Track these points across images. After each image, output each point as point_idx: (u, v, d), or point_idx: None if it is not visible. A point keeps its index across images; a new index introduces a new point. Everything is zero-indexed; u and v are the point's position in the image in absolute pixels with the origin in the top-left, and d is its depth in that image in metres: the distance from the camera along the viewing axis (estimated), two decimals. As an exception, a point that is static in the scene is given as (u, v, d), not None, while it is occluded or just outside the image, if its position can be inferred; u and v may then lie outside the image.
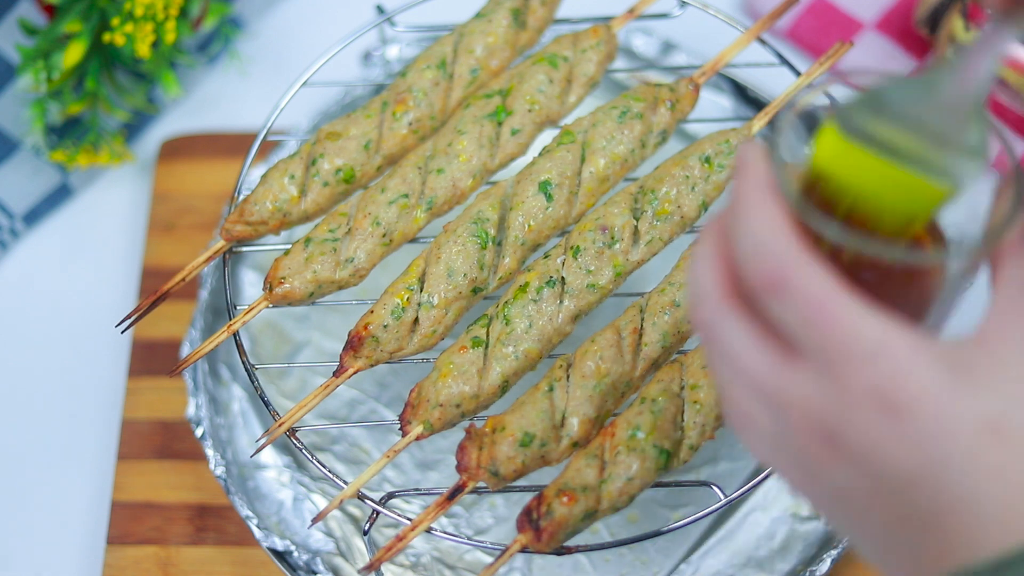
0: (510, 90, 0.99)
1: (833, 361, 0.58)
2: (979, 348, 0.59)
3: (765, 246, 0.59)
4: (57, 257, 1.21)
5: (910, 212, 0.62)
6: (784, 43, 1.28)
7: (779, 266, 0.58)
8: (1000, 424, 0.57)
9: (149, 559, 1.05)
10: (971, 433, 0.57)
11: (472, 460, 0.87)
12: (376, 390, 1.11)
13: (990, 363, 0.58)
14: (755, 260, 0.59)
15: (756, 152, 0.61)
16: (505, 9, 1.01)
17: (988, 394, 0.57)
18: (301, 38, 1.30)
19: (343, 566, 1.03)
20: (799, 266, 0.58)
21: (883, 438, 0.57)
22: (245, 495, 1.05)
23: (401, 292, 0.92)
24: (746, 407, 0.62)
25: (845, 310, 0.57)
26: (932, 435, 0.57)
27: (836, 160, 0.61)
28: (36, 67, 1.08)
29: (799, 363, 0.59)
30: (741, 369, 0.61)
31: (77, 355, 1.16)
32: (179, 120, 1.27)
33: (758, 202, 0.59)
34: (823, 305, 0.57)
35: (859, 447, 0.58)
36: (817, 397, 0.59)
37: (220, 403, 1.10)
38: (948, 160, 0.61)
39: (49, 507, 1.10)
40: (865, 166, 0.61)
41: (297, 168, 0.96)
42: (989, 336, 0.59)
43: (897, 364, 0.57)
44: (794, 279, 0.58)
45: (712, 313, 0.62)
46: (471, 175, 0.97)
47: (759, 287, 0.59)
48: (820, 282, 0.58)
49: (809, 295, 0.57)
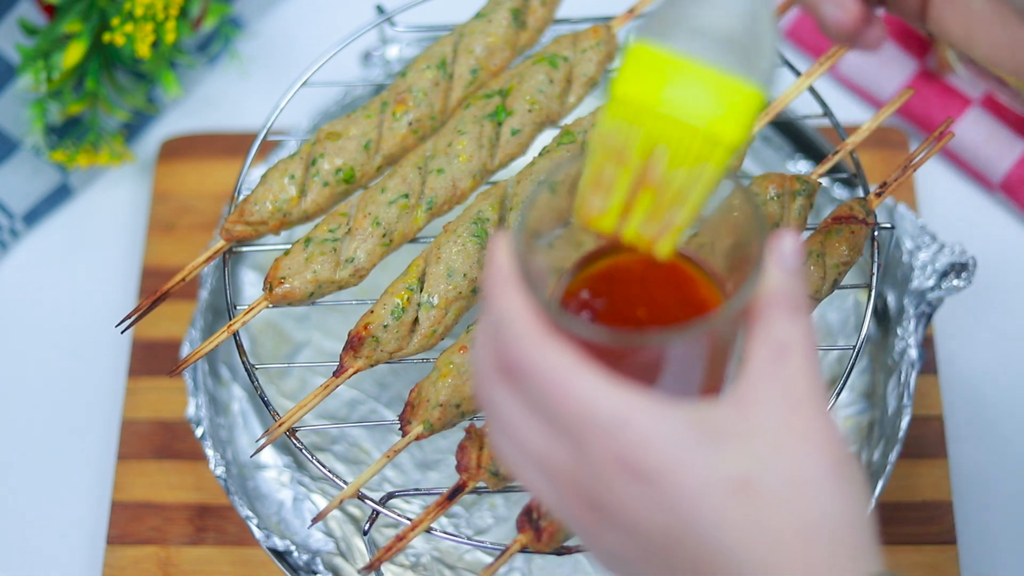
0: (510, 90, 0.99)
1: (577, 433, 0.60)
2: (732, 410, 0.60)
3: (505, 332, 0.62)
4: (57, 257, 1.21)
5: (709, 136, 0.63)
6: (784, 43, 1.28)
7: (516, 348, 0.61)
8: (751, 483, 0.59)
9: (149, 559, 1.05)
10: (721, 493, 0.59)
11: (472, 460, 0.87)
12: (376, 390, 1.11)
13: (741, 425, 0.60)
14: (498, 344, 0.62)
15: (500, 244, 0.63)
16: (505, 9, 1.01)
17: (737, 455, 0.59)
18: (301, 38, 1.29)
19: (343, 566, 1.03)
20: (535, 347, 0.60)
21: (636, 504, 0.60)
22: (245, 495, 1.05)
23: (401, 292, 0.92)
24: (526, 476, 0.64)
25: (582, 384, 0.60)
26: (680, 497, 0.59)
27: (641, 78, 0.64)
28: (36, 67, 1.08)
29: (556, 434, 0.62)
30: (516, 440, 0.63)
31: (77, 355, 1.16)
32: (179, 120, 1.27)
33: (498, 292, 0.62)
34: (558, 382, 0.60)
35: (617, 512, 0.61)
36: (573, 467, 0.61)
37: (220, 403, 1.10)
38: (744, 59, 0.64)
39: (49, 507, 1.10)
40: (671, 74, 0.63)
41: (297, 168, 0.96)
42: (741, 398, 0.61)
43: (638, 432, 0.59)
44: (529, 359, 0.60)
45: (486, 388, 0.64)
46: (471, 175, 0.97)
47: (503, 370, 0.62)
48: (557, 360, 0.60)
49: (545, 373, 0.60)
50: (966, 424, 1.10)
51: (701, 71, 0.63)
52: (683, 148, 0.64)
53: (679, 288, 0.69)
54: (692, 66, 0.63)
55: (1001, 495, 1.07)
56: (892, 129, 1.22)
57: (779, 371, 0.61)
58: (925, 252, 1.06)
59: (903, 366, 1.05)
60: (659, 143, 0.64)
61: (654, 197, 0.65)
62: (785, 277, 0.62)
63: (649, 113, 0.64)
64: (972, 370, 1.13)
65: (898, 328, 1.07)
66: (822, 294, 0.93)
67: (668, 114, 0.63)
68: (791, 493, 0.59)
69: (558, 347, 0.61)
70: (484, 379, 0.65)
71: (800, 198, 0.95)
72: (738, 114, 0.63)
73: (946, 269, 1.05)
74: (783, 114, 1.15)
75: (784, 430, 0.60)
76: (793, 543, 0.58)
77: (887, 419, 1.05)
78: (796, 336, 0.61)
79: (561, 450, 0.61)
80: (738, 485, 0.59)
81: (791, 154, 1.19)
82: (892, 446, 1.02)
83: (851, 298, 1.13)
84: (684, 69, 0.64)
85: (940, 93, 1.22)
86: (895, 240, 1.08)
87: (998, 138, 1.19)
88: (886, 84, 1.23)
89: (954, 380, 1.12)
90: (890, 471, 1.01)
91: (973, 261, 1.05)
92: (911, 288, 1.06)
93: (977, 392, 1.12)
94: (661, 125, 0.64)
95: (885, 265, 1.09)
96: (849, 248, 0.94)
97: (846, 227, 0.94)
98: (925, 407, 1.09)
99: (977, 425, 1.10)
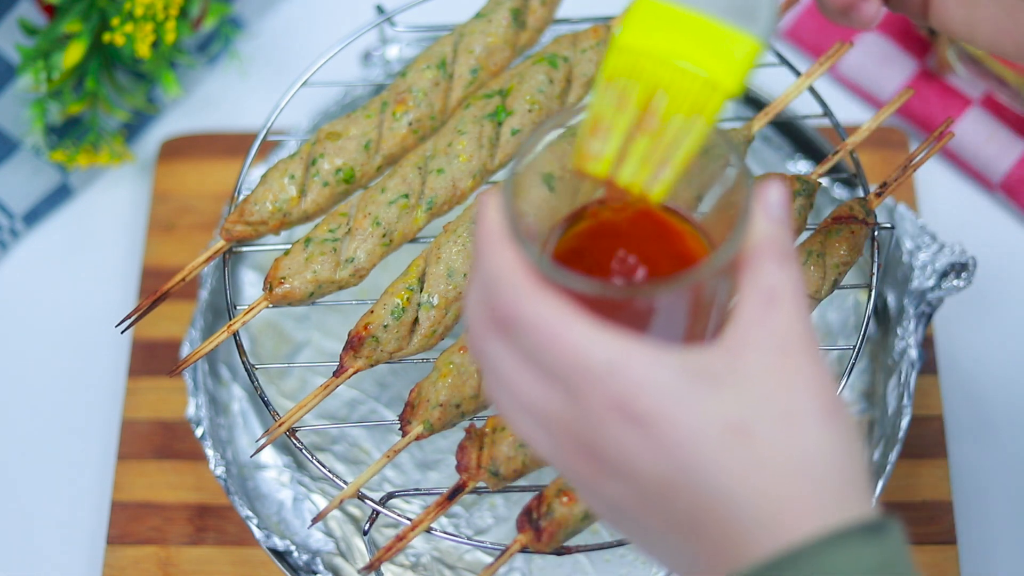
0: (510, 90, 0.99)
1: (573, 382, 0.60)
2: (724, 354, 0.61)
3: (496, 285, 0.62)
4: (57, 257, 1.21)
5: (709, 83, 0.67)
6: (784, 43, 1.28)
7: (509, 302, 0.61)
8: (746, 426, 0.59)
9: (149, 559, 1.05)
10: (716, 436, 0.59)
11: (472, 460, 0.87)
12: (376, 390, 1.11)
13: (733, 369, 0.60)
14: (491, 299, 0.63)
15: (490, 201, 0.64)
16: (505, 9, 1.01)
17: (732, 398, 0.59)
18: (301, 38, 1.29)
19: (343, 566, 1.03)
20: (528, 300, 0.61)
21: (633, 449, 0.60)
22: (245, 495, 1.05)
23: (401, 292, 0.92)
24: (524, 428, 0.65)
25: (575, 333, 0.60)
26: (677, 441, 0.59)
27: (643, 29, 0.68)
28: (36, 67, 1.08)
29: (552, 384, 0.62)
30: (513, 392, 0.64)
31: (77, 355, 1.16)
32: (179, 120, 1.27)
33: (490, 249, 0.63)
34: (553, 332, 0.60)
35: (615, 460, 0.61)
36: (570, 416, 0.61)
37: (220, 403, 1.10)
38: (744, 12, 0.68)
39: (48, 507, 1.10)
40: (673, 25, 0.68)
41: (297, 168, 0.96)
42: (733, 343, 0.61)
43: (633, 377, 0.59)
44: (523, 312, 0.61)
45: (480, 341, 0.65)
46: (471, 175, 0.97)
47: (497, 324, 0.63)
48: (550, 312, 0.61)
49: (539, 324, 0.61)
50: (966, 424, 1.10)
51: (702, 22, 0.67)
52: (682, 95, 0.67)
53: (667, 241, 0.70)
54: (693, 17, 0.67)
55: (1001, 495, 1.07)
56: (892, 129, 1.22)
57: (769, 316, 0.61)
58: (925, 252, 1.06)
59: (903, 366, 1.05)
60: (659, 90, 0.67)
61: (650, 143, 0.67)
62: (772, 226, 0.63)
63: (650, 60, 0.67)
64: (972, 370, 1.13)
65: (898, 328, 1.07)
66: (822, 294, 0.93)
67: (669, 61, 0.67)
68: (785, 434, 0.59)
69: (550, 299, 0.61)
70: (478, 333, 0.65)
71: (800, 198, 0.95)
72: (737, 63, 0.67)
73: (946, 269, 1.05)
74: (783, 114, 1.15)
75: (776, 373, 0.60)
76: (788, 484, 0.59)
77: (887, 419, 1.05)
78: (785, 282, 0.62)
79: (557, 399, 0.62)
80: (732, 427, 0.59)
81: (791, 154, 1.19)
82: (892, 446, 1.02)
83: (851, 298, 1.13)
84: (685, 20, 0.68)
85: (940, 93, 1.22)
86: (895, 240, 1.08)
87: (998, 138, 1.19)
88: (886, 84, 1.23)
89: (954, 380, 1.12)
90: (890, 471, 1.01)
91: (973, 261, 1.05)
92: (911, 288, 1.06)
93: (977, 392, 1.12)
94: (661, 72, 0.67)
95: (885, 265, 1.09)
96: (849, 248, 0.94)
97: (846, 227, 0.94)
98: (925, 407, 1.08)
99: (977, 425, 1.10)
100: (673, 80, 0.67)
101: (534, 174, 0.69)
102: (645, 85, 0.67)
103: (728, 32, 0.67)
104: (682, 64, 0.67)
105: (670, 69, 0.67)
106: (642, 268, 0.68)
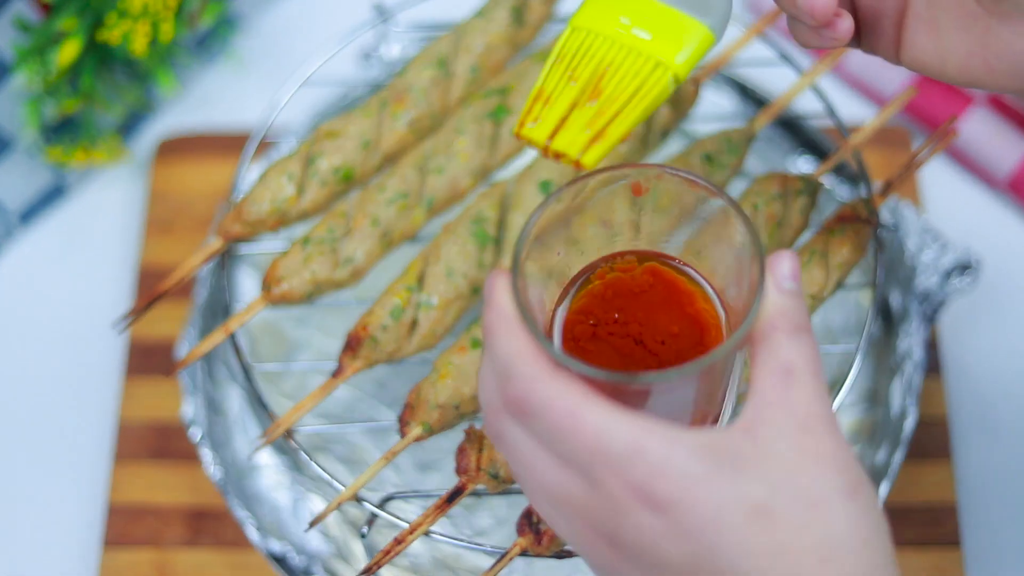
0: (510, 89, 0.98)
1: (591, 469, 0.60)
2: (744, 435, 0.60)
3: (509, 371, 0.62)
4: (53, 256, 1.21)
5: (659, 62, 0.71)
6: (787, 40, 1.27)
7: (524, 389, 0.61)
8: (768, 507, 0.59)
9: (145, 562, 1.05)
10: (741, 518, 0.58)
11: (471, 462, 0.87)
12: (375, 390, 1.10)
13: (754, 449, 0.60)
14: (504, 385, 0.63)
15: (498, 283, 0.64)
16: (505, 7, 1.01)
17: (753, 479, 0.59)
18: (299, 36, 1.29)
19: (341, 569, 1.03)
20: (542, 385, 0.61)
21: (654, 534, 0.59)
22: (242, 497, 1.04)
23: (400, 292, 0.92)
24: (545, 511, 0.65)
25: (591, 421, 0.60)
26: (699, 524, 0.58)
27: (601, 9, 0.73)
28: (31, 65, 1.08)
29: (571, 470, 0.62)
30: (532, 476, 0.64)
31: (73, 355, 1.16)
32: (176, 118, 1.26)
33: (501, 334, 0.63)
34: (568, 420, 0.60)
35: (638, 546, 0.60)
36: (591, 503, 0.61)
37: (217, 404, 1.09)
38: (699, 4, 0.72)
39: (44, 509, 1.09)
40: (630, 8, 0.72)
41: (295, 167, 0.96)
42: (752, 423, 0.61)
43: (652, 461, 0.59)
44: (536, 399, 0.61)
45: (496, 425, 0.65)
46: (471, 175, 0.96)
47: (511, 409, 0.62)
48: (563, 398, 0.60)
49: (553, 412, 0.60)
50: (972, 425, 1.10)
51: (658, 7, 0.72)
52: (630, 75, 0.71)
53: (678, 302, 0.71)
54: (650, 3, 0.72)
55: (1007, 497, 1.07)
56: (895, 128, 1.21)
57: (787, 394, 0.61)
58: (929, 251, 1.06)
59: (907, 367, 1.04)
60: (610, 65, 0.71)
61: (591, 115, 0.70)
62: (784, 298, 0.63)
63: (602, 39, 0.72)
64: (977, 371, 1.12)
65: (902, 328, 1.06)
66: (825, 294, 0.92)
67: (619, 40, 0.72)
68: (808, 515, 0.59)
69: (564, 383, 0.61)
70: (494, 417, 0.65)
71: (803, 197, 0.95)
72: (687, 47, 0.71)
73: (951, 269, 1.05)
74: (786, 113, 1.14)
75: (796, 453, 0.60)
76: (813, 566, 0.58)
77: (891, 420, 1.04)
78: (801, 357, 0.62)
79: (576, 486, 0.62)
80: (755, 510, 0.59)
81: (794, 153, 1.18)
82: (896, 448, 1.01)
83: (854, 298, 1.12)
84: (643, 5, 0.73)
85: (944, 91, 1.21)
86: (899, 240, 1.07)
87: (1003, 136, 1.18)
88: (889, 82, 1.23)
89: (959, 381, 1.11)
90: (894, 473, 1.00)
91: (978, 261, 1.05)
92: (915, 288, 1.05)
93: (983, 393, 1.11)
94: (612, 51, 0.72)
95: (889, 265, 1.08)
96: (852, 248, 0.93)
97: (849, 227, 0.93)
98: (930, 408, 1.08)
99: (983, 426, 1.10)
100: (622, 59, 0.71)
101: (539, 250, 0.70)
102: (595, 63, 0.71)
103: (682, 18, 0.72)
104: (632, 44, 0.71)
105: (620, 48, 0.71)
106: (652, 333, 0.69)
